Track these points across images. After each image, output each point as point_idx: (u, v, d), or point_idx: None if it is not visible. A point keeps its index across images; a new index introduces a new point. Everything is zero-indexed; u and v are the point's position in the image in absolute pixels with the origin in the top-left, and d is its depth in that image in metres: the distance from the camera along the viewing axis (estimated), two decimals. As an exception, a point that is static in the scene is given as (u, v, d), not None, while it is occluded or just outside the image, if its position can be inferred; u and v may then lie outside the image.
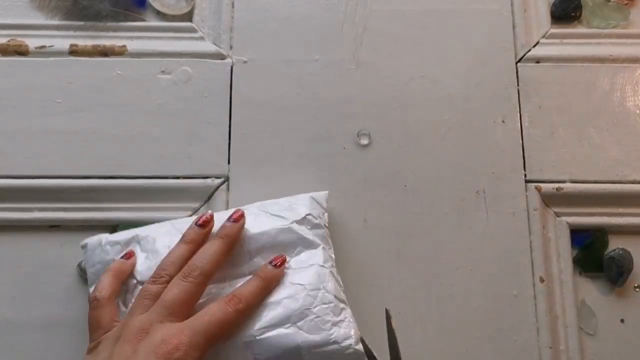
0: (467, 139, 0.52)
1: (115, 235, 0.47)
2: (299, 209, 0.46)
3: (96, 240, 0.46)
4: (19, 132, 0.51)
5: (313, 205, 0.46)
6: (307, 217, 0.45)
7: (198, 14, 0.55)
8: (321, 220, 0.46)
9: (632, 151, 0.52)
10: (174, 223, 0.47)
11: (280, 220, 0.45)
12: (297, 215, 0.45)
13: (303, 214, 0.45)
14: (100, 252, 0.45)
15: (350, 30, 0.55)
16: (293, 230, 0.44)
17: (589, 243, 0.51)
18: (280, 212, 0.45)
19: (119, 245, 0.46)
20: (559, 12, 0.55)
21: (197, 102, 0.53)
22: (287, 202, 0.47)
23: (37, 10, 0.55)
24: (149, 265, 0.44)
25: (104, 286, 0.41)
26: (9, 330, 0.48)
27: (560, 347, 0.49)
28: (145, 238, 0.45)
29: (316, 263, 0.43)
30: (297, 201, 0.46)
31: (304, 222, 0.45)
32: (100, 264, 0.45)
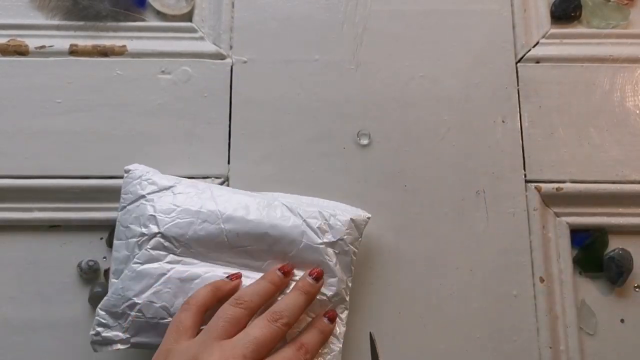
0: (467, 139, 0.52)
1: (156, 176, 0.46)
2: (335, 229, 0.45)
3: (139, 172, 0.46)
4: (19, 132, 0.51)
5: (351, 229, 0.46)
6: (339, 242, 0.45)
7: (198, 14, 0.55)
8: (351, 247, 0.45)
9: (632, 151, 0.52)
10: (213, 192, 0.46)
11: (313, 236, 0.44)
12: (331, 237, 0.45)
13: (337, 237, 0.45)
14: (138, 184, 0.45)
15: (350, 31, 0.55)
16: (319, 252, 0.44)
17: (589, 243, 0.51)
18: (316, 227, 0.45)
19: (155, 186, 0.45)
20: (559, 12, 0.55)
21: (197, 102, 0.53)
22: (327, 217, 0.45)
23: (37, 10, 0.55)
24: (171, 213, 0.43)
25: (199, 295, 0.41)
26: (9, 330, 0.48)
27: (560, 347, 0.49)
28: (180, 194, 0.45)
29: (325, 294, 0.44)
30: (337, 220, 0.45)
31: (334, 246, 0.45)
32: (133, 194, 0.45)
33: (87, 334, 0.48)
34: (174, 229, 0.43)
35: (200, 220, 0.43)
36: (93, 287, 0.49)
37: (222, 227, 0.43)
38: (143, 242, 0.43)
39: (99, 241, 0.50)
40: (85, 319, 0.49)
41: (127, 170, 0.47)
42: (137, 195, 0.45)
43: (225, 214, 0.43)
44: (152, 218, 0.43)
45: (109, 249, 0.50)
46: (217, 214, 0.43)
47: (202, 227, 0.43)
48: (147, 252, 0.42)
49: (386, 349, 0.42)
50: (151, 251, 0.42)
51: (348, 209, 0.48)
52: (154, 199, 0.44)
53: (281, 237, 0.44)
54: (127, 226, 0.44)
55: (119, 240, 0.44)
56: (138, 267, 0.42)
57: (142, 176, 0.46)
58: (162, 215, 0.43)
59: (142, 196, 0.44)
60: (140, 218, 0.43)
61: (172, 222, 0.43)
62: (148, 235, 0.43)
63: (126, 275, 0.42)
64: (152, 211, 0.43)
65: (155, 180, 0.45)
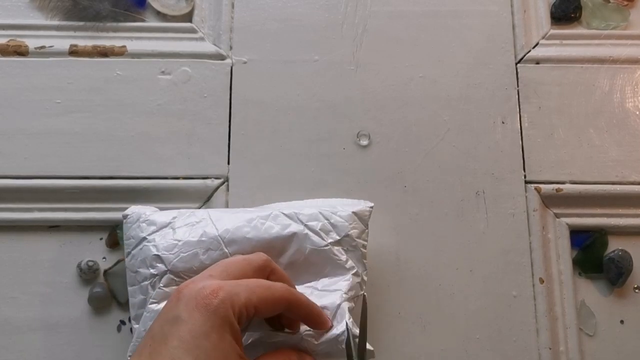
0: (467, 139, 0.52)
1: (154, 215, 0.45)
2: (338, 226, 0.44)
3: (136, 215, 0.45)
4: (19, 132, 0.51)
5: (354, 222, 0.45)
6: (345, 239, 0.44)
7: (198, 15, 0.55)
8: (359, 241, 0.44)
9: (631, 152, 0.52)
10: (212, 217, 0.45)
11: (317, 239, 0.43)
12: (335, 235, 0.44)
13: (342, 234, 0.44)
14: (137, 227, 0.45)
15: (349, 31, 0.55)
16: (326, 253, 0.43)
17: (589, 244, 0.51)
18: (318, 229, 0.44)
19: (154, 226, 0.44)
20: (559, 13, 0.55)
21: (196, 102, 0.53)
22: (329, 215, 0.44)
23: (37, 10, 0.55)
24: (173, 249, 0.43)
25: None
26: (9, 330, 0.48)
27: (560, 348, 0.49)
28: (180, 228, 0.44)
29: (340, 289, 0.42)
30: (339, 217, 0.44)
31: (341, 244, 0.44)
32: (135, 238, 0.44)
33: (86, 334, 0.48)
34: (179, 264, 0.42)
35: (204, 249, 0.42)
36: (92, 288, 0.49)
37: (225, 252, 0.42)
38: (155, 282, 0.42)
39: (98, 241, 0.50)
40: (85, 319, 0.49)
41: (124, 215, 0.46)
42: (139, 238, 0.44)
43: (226, 238, 0.43)
44: (157, 258, 0.42)
45: (108, 249, 0.50)
46: (219, 240, 0.43)
47: (207, 256, 0.42)
48: (160, 290, 0.42)
49: (386, 349, 0.42)
50: (165, 289, 0.42)
51: (349, 202, 0.47)
52: (155, 238, 0.44)
53: (286, 247, 0.43)
54: (135, 271, 0.43)
55: (132, 286, 0.44)
56: (155, 307, 0.41)
57: (139, 218, 0.45)
58: (165, 253, 0.42)
59: (144, 238, 0.44)
60: (146, 260, 0.43)
61: (177, 258, 0.42)
62: (159, 275, 0.42)
63: (146, 317, 0.42)
64: (155, 251, 0.43)
65: (154, 219, 0.45)
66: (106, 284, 0.49)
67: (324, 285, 0.43)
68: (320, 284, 0.43)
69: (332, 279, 0.43)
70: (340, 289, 0.42)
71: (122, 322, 0.49)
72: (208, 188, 0.51)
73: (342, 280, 0.43)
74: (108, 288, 0.49)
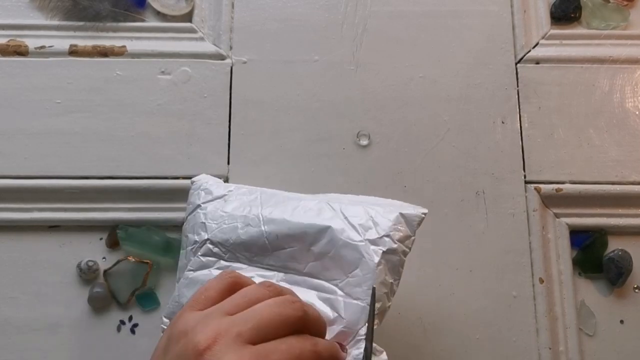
0: (467, 139, 0.52)
1: (214, 185, 0.46)
2: (380, 225, 0.40)
3: (199, 183, 0.46)
4: (19, 132, 0.51)
5: (399, 225, 0.41)
6: (385, 239, 0.39)
7: (198, 15, 0.55)
8: (400, 245, 0.40)
9: (631, 152, 0.52)
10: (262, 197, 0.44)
11: (353, 233, 0.40)
12: (374, 233, 0.40)
13: (382, 233, 0.40)
14: (197, 194, 0.45)
15: (349, 31, 0.55)
16: (359, 250, 0.39)
17: (589, 244, 0.51)
18: (357, 224, 0.40)
19: (210, 195, 0.45)
20: (559, 13, 0.55)
21: (196, 102, 0.53)
22: (372, 212, 0.41)
23: (37, 10, 0.55)
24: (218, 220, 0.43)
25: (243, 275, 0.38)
26: (9, 330, 0.48)
27: (560, 348, 0.49)
28: (231, 201, 0.44)
29: (366, 300, 0.39)
30: (383, 215, 0.41)
31: (379, 244, 0.39)
32: (192, 205, 0.45)
33: (86, 334, 0.48)
34: (219, 235, 0.42)
35: (244, 224, 0.42)
36: (92, 288, 0.49)
37: (262, 230, 0.42)
38: (196, 249, 0.43)
39: (98, 241, 0.50)
40: (85, 319, 0.49)
41: (192, 181, 0.47)
42: (195, 205, 0.45)
43: (266, 216, 0.42)
44: (202, 225, 0.43)
45: (108, 249, 0.50)
46: (259, 217, 0.42)
47: (245, 231, 0.42)
48: (198, 259, 0.42)
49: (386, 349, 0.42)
50: (202, 258, 0.42)
51: (402, 204, 0.44)
52: (207, 207, 0.44)
53: (320, 236, 0.40)
54: (186, 235, 0.44)
55: (182, 250, 0.45)
56: (191, 274, 0.42)
57: (201, 186, 0.46)
58: (210, 222, 0.43)
59: (198, 205, 0.44)
60: (194, 227, 0.43)
61: (218, 228, 0.42)
62: (199, 243, 0.42)
63: (181, 283, 0.42)
64: (204, 219, 0.43)
65: (212, 189, 0.45)
66: (106, 284, 0.49)
67: (349, 290, 0.39)
68: (346, 285, 0.39)
69: (359, 282, 0.39)
70: (365, 299, 0.39)
71: (122, 322, 0.49)
72: (208, 188, 0.51)
73: (368, 288, 0.39)
74: (108, 288, 0.49)
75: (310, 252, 0.41)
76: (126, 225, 0.50)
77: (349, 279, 0.39)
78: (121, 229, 0.50)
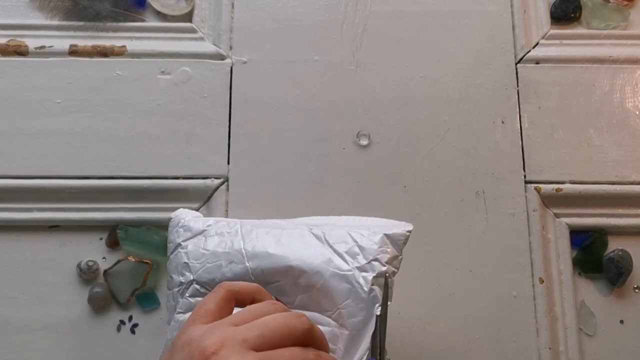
0: (467, 139, 0.52)
1: (192, 221, 0.45)
2: (366, 249, 0.39)
3: (177, 220, 0.45)
4: (19, 132, 0.51)
5: (385, 246, 0.40)
6: (373, 263, 0.39)
7: (198, 15, 0.55)
8: (389, 267, 0.39)
9: (631, 152, 0.52)
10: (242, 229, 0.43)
11: (340, 262, 0.39)
12: (362, 259, 0.39)
13: (369, 258, 0.39)
14: (176, 232, 0.45)
15: (349, 31, 0.55)
16: (348, 280, 0.38)
17: (589, 244, 0.51)
18: (344, 251, 0.40)
19: (189, 232, 0.44)
20: (559, 13, 0.55)
21: (196, 102, 0.53)
22: (358, 238, 0.40)
23: (37, 10, 0.55)
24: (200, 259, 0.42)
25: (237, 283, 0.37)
26: (9, 330, 0.48)
27: (560, 348, 0.49)
28: (211, 237, 0.43)
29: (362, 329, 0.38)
30: (368, 238, 0.40)
31: (367, 269, 0.39)
32: (172, 243, 0.44)
33: (86, 334, 0.48)
34: (204, 275, 0.41)
35: (227, 261, 0.41)
36: (92, 288, 0.49)
37: (247, 266, 0.41)
38: (182, 290, 0.42)
39: (98, 241, 0.50)
40: (85, 319, 0.49)
41: (169, 218, 0.46)
42: (175, 244, 0.44)
43: (249, 251, 0.41)
44: (186, 266, 0.42)
45: (108, 250, 0.50)
46: (242, 253, 0.41)
47: (230, 269, 0.41)
48: (186, 300, 0.41)
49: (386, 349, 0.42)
50: (190, 299, 0.41)
51: (385, 223, 0.43)
52: (188, 245, 0.43)
53: (306, 269, 0.39)
54: (171, 276, 0.44)
55: (168, 290, 0.44)
56: (180, 317, 0.41)
57: (179, 223, 0.45)
58: (193, 262, 0.42)
59: (179, 244, 0.44)
60: (178, 267, 0.43)
61: (202, 268, 0.42)
62: (185, 284, 0.42)
63: (172, 326, 0.42)
64: (186, 258, 0.42)
65: (190, 225, 0.44)
66: (106, 284, 0.49)
67: (342, 321, 0.39)
68: (339, 317, 0.39)
69: (352, 312, 0.38)
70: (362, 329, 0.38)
71: (122, 322, 0.49)
72: (208, 188, 0.51)
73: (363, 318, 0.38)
74: (108, 288, 0.49)
75: (297, 285, 0.40)
76: (126, 225, 0.50)
77: (341, 310, 0.39)
78: (121, 229, 0.50)
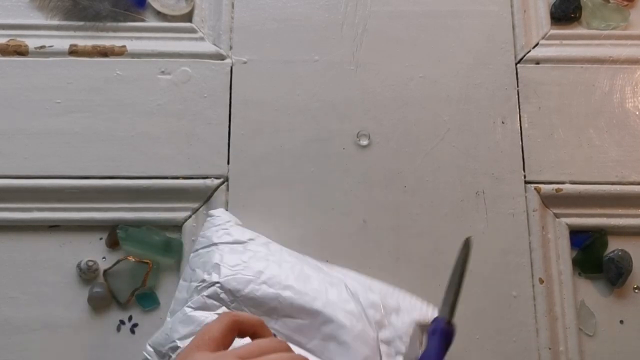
0: (467, 139, 0.52)
1: (234, 227, 0.46)
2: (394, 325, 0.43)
3: (219, 220, 0.46)
4: (19, 132, 0.51)
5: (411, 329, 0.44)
6: (396, 341, 0.43)
7: (198, 15, 0.55)
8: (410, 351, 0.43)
9: (631, 152, 0.52)
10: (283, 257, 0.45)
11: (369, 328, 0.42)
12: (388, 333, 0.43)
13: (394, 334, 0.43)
14: (215, 231, 0.46)
15: (349, 31, 0.55)
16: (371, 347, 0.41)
17: (589, 244, 0.51)
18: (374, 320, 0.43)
19: (230, 237, 0.45)
20: (559, 13, 0.55)
21: (196, 102, 0.53)
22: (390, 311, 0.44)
23: (37, 10, 0.55)
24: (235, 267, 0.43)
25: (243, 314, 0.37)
26: (9, 330, 0.48)
27: (560, 348, 0.49)
28: (250, 251, 0.44)
29: None
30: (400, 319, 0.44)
31: (390, 344, 0.43)
32: (207, 239, 0.45)
33: (86, 334, 0.48)
34: (233, 282, 0.42)
35: (261, 281, 0.43)
36: (92, 288, 0.49)
37: (279, 293, 0.42)
38: (202, 288, 0.43)
39: (98, 241, 0.50)
40: (85, 319, 0.49)
41: (210, 214, 0.47)
42: (211, 241, 0.45)
43: (285, 282, 0.43)
44: (216, 266, 0.43)
45: (108, 249, 0.50)
46: (279, 279, 0.43)
47: (260, 288, 0.42)
48: (202, 298, 0.42)
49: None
50: (206, 299, 0.42)
51: (415, 304, 0.46)
52: (225, 249, 0.44)
53: (334, 319, 0.42)
54: (193, 269, 0.44)
55: (184, 281, 0.44)
56: (190, 312, 0.42)
57: (221, 224, 0.46)
58: (226, 266, 0.43)
59: (215, 244, 0.45)
60: (206, 264, 0.43)
61: (233, 276, 0.42)
62: (207, 283, 0.42)
63: (177, 317, 0.42)
64: (219, 260, 0.43)
65: (232, 232, 0.46)
66: (106, 284, 0.49)
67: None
68: None
69: None
70: None
71: (122, 322, 0.49)
72: (208, 188, 0.51)
73: None
74: (108, 288, 0.49)
75: (319, 331, 0.42)
76: (126, 225, 0.50)
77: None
78: (121, 229, 0.50)
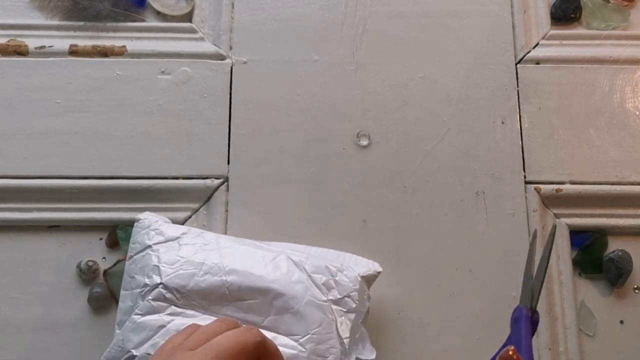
0: (467, 140, 0.52)
1: (164, 226, 0.45)
2: (342, 285, 0.44)
3: (148, 222, 0.46)
4: (19, 132, 0.51)
5: (358, 285, 0.44)
6: (346, 299, 0.43)
7: (198, 15, 0.55)
8: (360, 304, 0.44)
9: (631, 152, 0.52)
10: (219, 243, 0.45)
11: (317, 292, 0.43)
12: (337, 293, 0.43)
13: (344, 294, 0.43)
14: (146, 234, 0.45)
15: (349, 31, 0.55)
16: (323, 310, 0.42)
17: (589, 244, 0.51)
18: (321, 283, 0.43)
19: (162, 237, 0.44)
20: (559, 13, 0.55)
21: (196, 102, 0.53)
22: (334, 272, 0.44)
23: (37, 10, 0.55)
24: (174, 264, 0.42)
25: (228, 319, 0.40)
26: (9, 330, 0.48)
27: (560, 349, 0.49)
28: (186, 245, 0.44)
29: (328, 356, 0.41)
30: (344, 275, 0.44)
31: (341, 304, 0.43)
32: (140, 244, 0.44)
33: (86, 334, 0.48)
34: (175, 280, 0.42)
35: (203, 272, 0.42)
36: (92, 288, 0.49)
37: (224, 279, 0.42)
38: (145, 292, 0.42)
39: (98, 241, 0.50)
40: (85, 319, 0.49)
41: (137, 219, 0.46)
42: (144, 245, 0.44)
43: (228, 267, 0.43)
44: (155, 268, 0.42)
45: (108, 250, 0.50)
46: (220, 266, 0.42)
47: (204, 279, 0.42)
48: (148, 303, 0.42)
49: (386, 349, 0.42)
50: (152, 302, 0.42)
51: (358, 261, 0.47)
52: (160, 249, 0.44)
53: (284, 292, 0.42)
54: (132, 276, 0.43)
55: (125, 291, 0.44)
56: (138, 319, 0.41)
57: (150, 226, 0.45)
58: (165, 266, 0.42)
59: (149, 246, 0.44)
60: (144, 268, 0.43)
61: (175, 273, 0.42)
62: (150, 286, 0.42)
63: (127, 327, 0.42)
64: (157, 261, 0.43)
65: (163, 230, 0.45)
66: (106, 284, 0.49)
67: (311, 347, 0.41)
68: (308, 342, 0.41)
69: (321, 339, 0.42)
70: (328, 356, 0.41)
71: (122, 322, 0.49)
72: (208, 188, 0.51)
73: (331, 346, 0.42)
74: (108, 288, 0.49)
75: (271, 307, 0.42)
76: (126, 225, 0.50)
77: (311, 335, 0.41)
78: (121, 229, 0.50)
